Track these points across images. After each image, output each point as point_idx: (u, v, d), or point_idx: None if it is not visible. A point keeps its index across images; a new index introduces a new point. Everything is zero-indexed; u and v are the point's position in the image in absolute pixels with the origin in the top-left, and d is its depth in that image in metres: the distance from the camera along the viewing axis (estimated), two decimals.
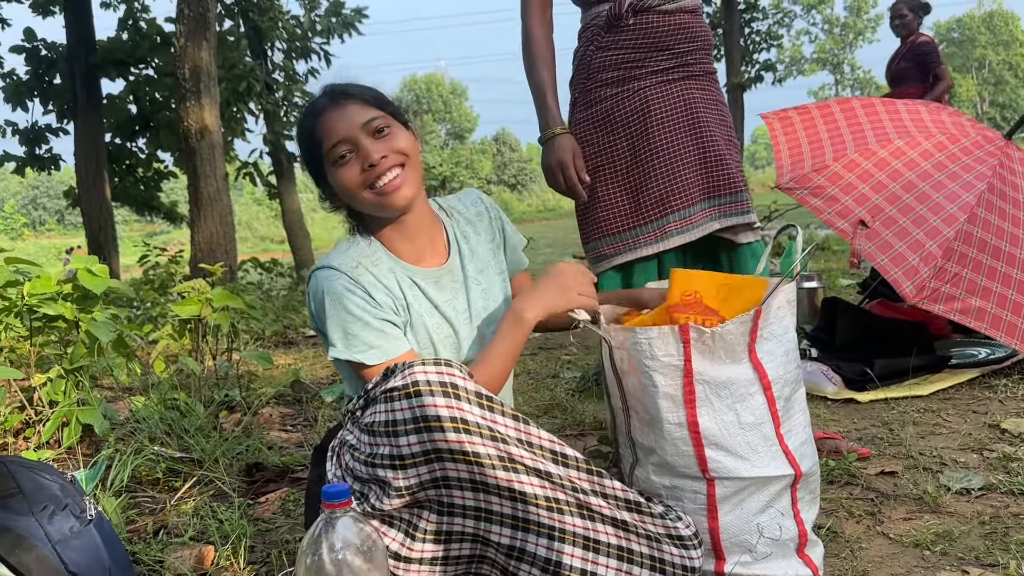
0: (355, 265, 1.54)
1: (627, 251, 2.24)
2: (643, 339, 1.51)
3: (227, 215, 7.10)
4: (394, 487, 1.27)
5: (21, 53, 10.62)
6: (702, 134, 2.20)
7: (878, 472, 2.13)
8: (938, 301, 2.75)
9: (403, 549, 1.32)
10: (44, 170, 11.21)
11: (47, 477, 1.59)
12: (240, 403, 3.16)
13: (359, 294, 1.49)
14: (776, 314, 1.53)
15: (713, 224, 2.22)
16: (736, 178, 2.22)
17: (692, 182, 2.20)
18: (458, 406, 1.23)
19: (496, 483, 1.25)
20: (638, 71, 2.20)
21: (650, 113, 2.19)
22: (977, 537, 1.71)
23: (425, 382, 1.24)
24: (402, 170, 1.52)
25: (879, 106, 3.24)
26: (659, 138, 2.18)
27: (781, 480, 1.51)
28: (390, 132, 1.53)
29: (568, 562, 1.28)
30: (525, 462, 1.27)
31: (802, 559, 1.54)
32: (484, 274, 1.70)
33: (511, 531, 1.30)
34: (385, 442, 1.27)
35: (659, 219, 2.20)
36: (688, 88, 2.21)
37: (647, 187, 2.19)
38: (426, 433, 1.23)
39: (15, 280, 2.73)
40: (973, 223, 2.83)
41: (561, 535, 1.28)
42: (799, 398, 1.59)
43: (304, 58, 12.94)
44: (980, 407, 2.68)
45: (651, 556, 1.34)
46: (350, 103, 1.52)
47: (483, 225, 1.75)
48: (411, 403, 1.24)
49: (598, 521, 1.32)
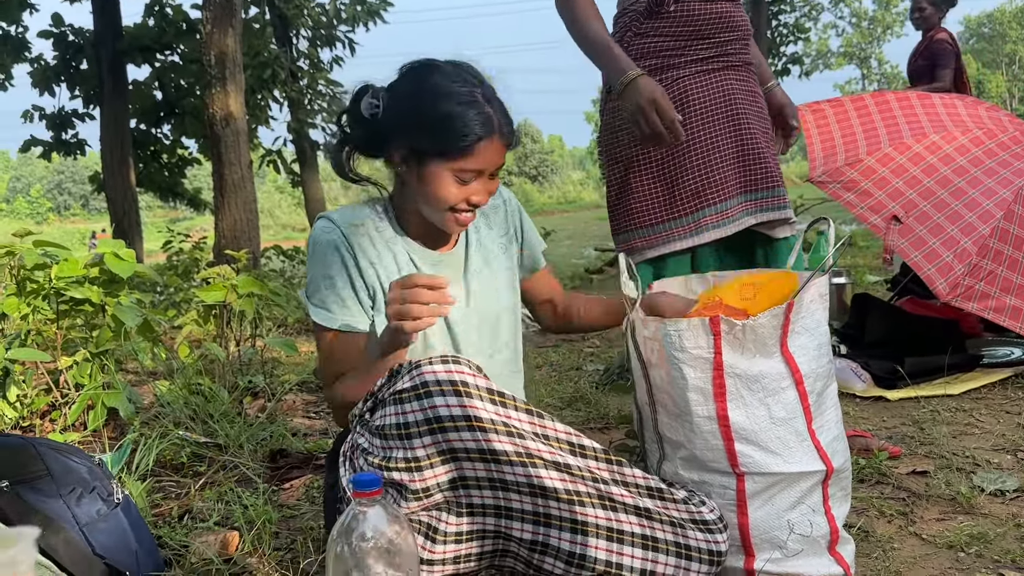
0: (356, 224, 1.54)
1: (660, 244, 2.19)
2: (673, 331, 1.48)
3: (251, 202, 7.13)
4: (411, 490, 1.24)
5: (49, 38, 10.73)
6: (740, 127, 2.16)
7: (909, 472, 2.09)
8: (972, 299, 2.71)
9: (424, 552, 1.30)
10: (70, 155, 11.32)
11: (75, 460, 1.59)
12: (264, 389, 3.17)
13: (343, 252, 1.51)
14: (808, 308, 1.50)
15: (749, 219, 2.18)
16: (774, 172, 2.17)
17: (729, 176, 2.15)
18: (470, 404, 1.21)
19: (515, 479, 1.24)
20: (677, 60, 2.14)
21: (689, 104, 2.14)
22: (1013, 540, 1.68)
23: (435, 382, 1.22)
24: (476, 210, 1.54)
25: (914, 99, 3.18)
26: (697, 130, 2.13)
27: (812, 476, 1.48)
28: (496, 175, 1.54)
29: (593, 554, 1.26)
30: (543, 456, 1.25)
31: (833, 557, 1.51)
32: (489, 265, 1.68)
33: (533, 526, 1.28)
34: (398, 445, 1.25)
35: (694, 212, 2.15)
36: (727, 79, 2.17)
37: (683, 179, 2.15)
38: (440, 434, 1.21)
39: (43, 263, 2.74)
40: (1010, 220, 2.77)
41: (584, 527, 1.26)
42: (831, 393, 1.56)
43: (329, 46, 12.97)
44: (1013, 407, 2.63)
45: (676, 543, 1.33)
46: (503, 148, 1.50)
47: (497, 218, 1.73)
48: (422, 404, 1.22)
49: (620, 511, 1.30)
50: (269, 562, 1.73)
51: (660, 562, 1.31)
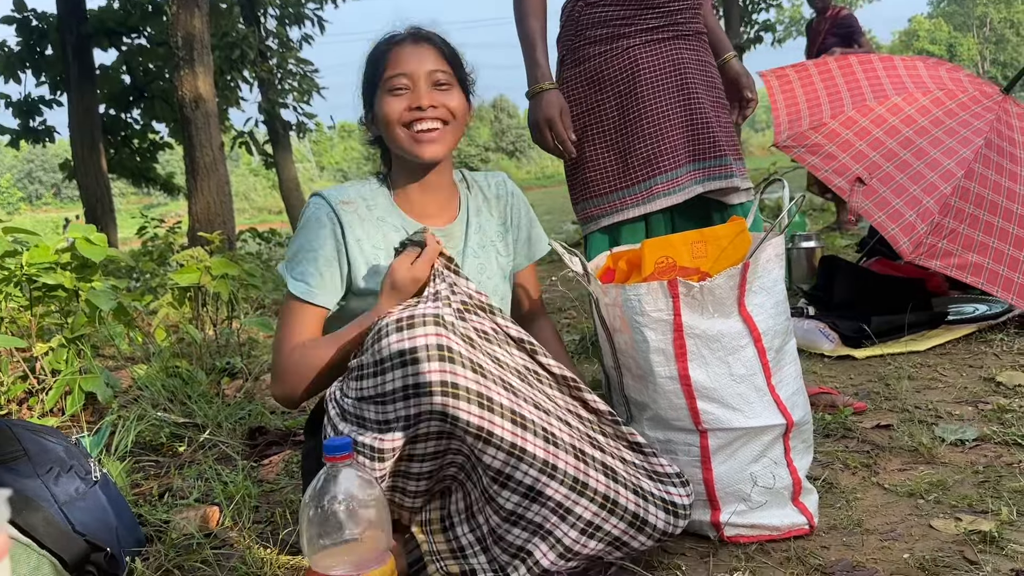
0: (346, 201, 1.57)
1: (614, 212, 2.23)
2: (632, 295, 1.52)
3: (224, 185, 7.08)
4: (379, 450, 1.27)
5: (12, 24, 10.52)
6: (690, 96, 2.18)
7: (874, 425, 2.15)
8: (935, 257, 2.76)
9: (377, 442, 1.28)
10: (39, 143, 11.15)
11: (51, 440, 1.61)
12: (242, 370, 3.18)
13: (329, 228, 1.54)
14: (765, 267, 1.54)
15: (697, 188, 2.20)
16: (720, 141, 2.19)
17: (679, 144, 2.18)
18: (451, 369, 1.22)
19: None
20: (627, 29, 2.16)
21: (639, 73, 2.16)
22: (971, 486, 1.74)
23: (424, 346, 1.22)
24: (443, 126, 1.57)
25: (877, 63, 3.22)
26: (647, 99, 2.16)
27: (773, 430, 1.53)
28: (449, 89, 1.58)
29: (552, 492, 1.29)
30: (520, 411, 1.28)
31: (797, 507, 1.56)
32: (485, 251, 1.71)
33: (506, 455, 1.27)
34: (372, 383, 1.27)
35: (646, 180, 2.18)
36: (677, 48, 2.19)
37: (635, 148, 2.17)
38: (413, 398, 1.23)
39: (13, 250, 2.74)
40: (970, 178, 2.83)
41: (553, 470, 1.27)
42: (790, 349, 1.61)
43: (298, 24, 12.81)
44: (976, 361, 2.70)
45: (634, 483, 1.39)
46: (429, 47, 1.57)
47: (498, 207, 1.77)
48: (404, 371, 1.23)
49: (586, 443, 1.38)
50: (250, 535, 1.76)
51: (621, 494, 1.35)
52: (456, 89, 1.60)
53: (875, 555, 1.47)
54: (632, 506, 1.35)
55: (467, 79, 1.66)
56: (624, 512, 1.34)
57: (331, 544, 1.14)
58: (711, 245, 1.64)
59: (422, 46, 1.57)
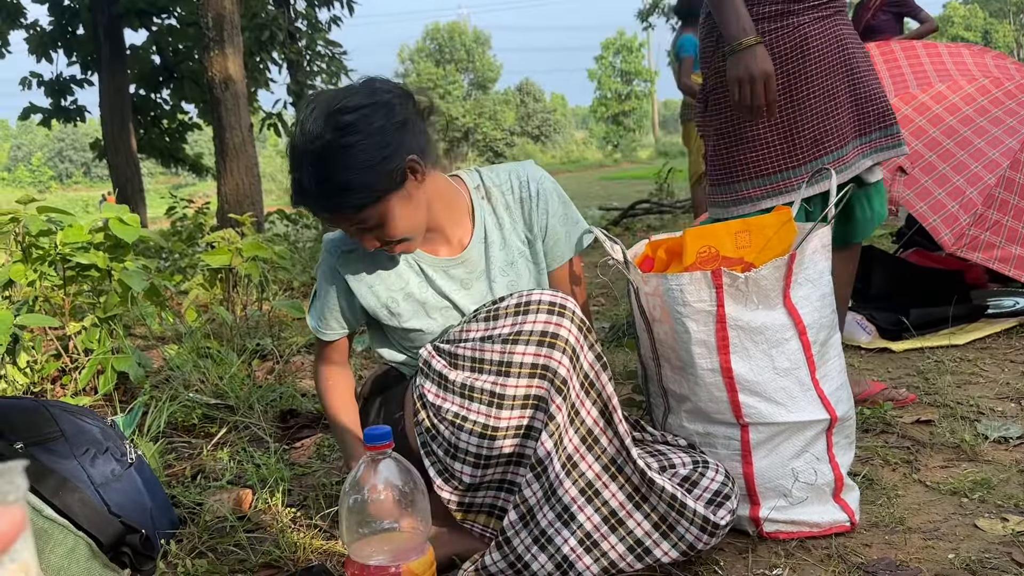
0: (349, 250, 1.57)
1: (778, 194, 2.08)
2: (675, 285, 1.49)
3: (253, 166, 7.10)
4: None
5: (44, 3, 10.59)
6: (853, 71, 2.09)
7: (914, 421, 2.11)
8: (977, 249, 2.70)
9: (491, 419, 1.36)
10: (70, 122, 11.25)
11: (88, 421, 1.62)
12: (272, 351, 3.19)
13: (334, 285, 1.60)
14: (811, 259, 1.50)
15: (866, 161, 2.11)
16: (887, 111, 2.11)
17: (845, 122, 2.08)
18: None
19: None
20: (796, 6, 2.05)
21: (808, 51, 2.05)
22: (1016, 485, 1.69)
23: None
24: (400, 242, 1.47)
25: (920, 49, 3.14)
26: (815, 77, 2.06)
27: (816, 425, 1.50)
28: (384, 222, 1.42)
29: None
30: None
31: (838, 504, 1.53)
32: (513, 267, 1.61)
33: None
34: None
35: (813, 160, 2.07)
36: (838, 24, 2.09)
37: (801, 128, 2.06)
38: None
39: (48, 229, 2.75)
40: (1016, 169, 2.75)
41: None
42: (835, 343, 1.57)
43: (326, 5, 12.77)
44: (1018, 356, 2.64)
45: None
46: (331, 216, 1.43)
47: (522, 213, 1.62)
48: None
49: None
50: (282, 518, 1.76)
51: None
52: (387, 214, 1.41)
53: (918, 554, 1.44)
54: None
55: (393, 180, 1.41)
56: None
57: (370, 533, 1.13)
58: (755, 235, 1.61)
59: (325, 216, 1.45)
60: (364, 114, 1.37)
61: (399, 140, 1.40)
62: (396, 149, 1.39)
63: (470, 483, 1.39)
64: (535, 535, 1.34)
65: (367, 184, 1.37)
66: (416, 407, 1.40)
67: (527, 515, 1.34)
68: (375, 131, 1.37)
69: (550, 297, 1.36)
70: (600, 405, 1.36)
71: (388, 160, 1.38)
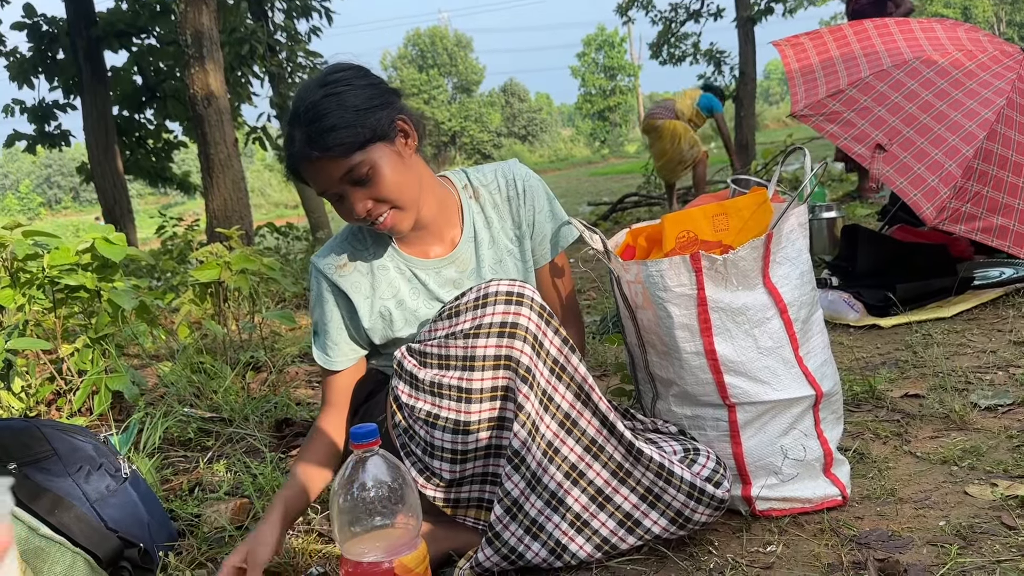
0: (340, 265, 1.58)
1: None
2: (654, 271, 1.50)
3: (240, 180, 7.10)
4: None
5: (23, 30, 10.57)
6: None
7: (903, 394, 2.13)
8: (959, 221, 2.72)
9: (461, 415, 1.35)
10: (55, 147, 11.22)
11: (80, 439, 1.62)
12: (266, 363, 3.19)
13: (332, 301, 1.60)
14: (788, 237, 1.51)
15: None
16: None
17: None
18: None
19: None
20: None
21: None
22: (1005, 451, 1.71)
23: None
24: (391, 209, 1.48)
25: (892, 26, 3.16)
26: None
27: (803, 402, 1.51)
28: (373, 175, 1.43)
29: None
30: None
31: (829, 478, 1.54)
32: (502, 264, 1.64)
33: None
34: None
35: None
36: None
37: None
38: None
39: (35, 253, 2.75)
40: (993, 140, 2.77)
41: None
42: (817, 320, 1.58)
43: (305, 17, 12.77)
44: (1004, 326, 2.66)
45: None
46: (324, 160, 1.41)
47: (509, 211, 1.65)
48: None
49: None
50: None
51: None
52: (378, 162, 1.43)
53: (910, 524, 1.45)
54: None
55: (382, 127, 1.44)
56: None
57: (362, 531, 1.14)
58: (733, 217, 1.62)
59: (320, 162, 1.41)
60: (355, 75, 1.47)
61: (389, 99, 1.47)
62: (385, 104, 1.46)
63: (451, 479, 1.39)
64: (526, 525, 1.35)
65: (356, 123, 1.40)
66: (392, 408, 1.41)
67: (513, 507, 1.35)
68: (365, 86, 1.45)
69: (507, 287, 1.34)
70: (575, 388, 1.36)
71: (378, 108, 1.44)
